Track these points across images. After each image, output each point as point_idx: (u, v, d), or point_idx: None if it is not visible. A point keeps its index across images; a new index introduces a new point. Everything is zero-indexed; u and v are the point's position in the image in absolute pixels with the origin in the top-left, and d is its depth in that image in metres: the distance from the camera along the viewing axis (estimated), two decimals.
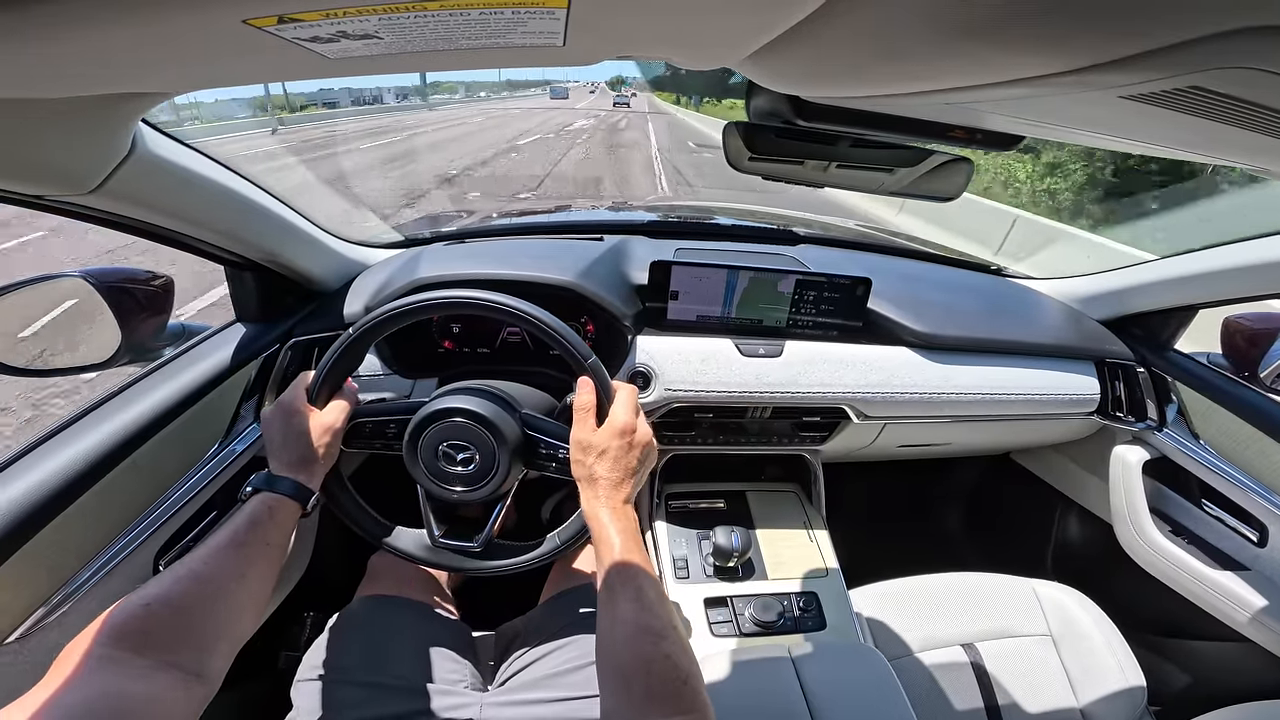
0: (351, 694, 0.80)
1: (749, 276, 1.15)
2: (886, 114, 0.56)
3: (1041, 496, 1.65)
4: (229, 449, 0.92)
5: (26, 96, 0.46)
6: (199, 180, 0.78)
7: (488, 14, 0.34)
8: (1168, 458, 1.27)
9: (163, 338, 0.94)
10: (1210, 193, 7.34)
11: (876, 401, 1.20)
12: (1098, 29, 0.25)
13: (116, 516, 0.76)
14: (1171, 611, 1.25)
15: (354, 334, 0.78)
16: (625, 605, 0.64)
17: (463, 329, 1.21)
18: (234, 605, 0.61)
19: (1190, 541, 1.23)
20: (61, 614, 0.68)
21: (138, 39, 0.34)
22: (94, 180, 0.62)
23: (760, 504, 1.41)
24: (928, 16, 0.29)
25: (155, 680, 0.51)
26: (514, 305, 0.76)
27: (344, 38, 0.36)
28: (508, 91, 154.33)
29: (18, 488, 0.64)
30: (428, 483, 0.81)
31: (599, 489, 0.73)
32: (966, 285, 1.47)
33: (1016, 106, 0.42)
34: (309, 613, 1.30)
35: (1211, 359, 1.27)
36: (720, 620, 1.15)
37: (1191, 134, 0.38)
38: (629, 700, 0.57)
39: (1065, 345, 1.29)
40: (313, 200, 8.57)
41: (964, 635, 1.15)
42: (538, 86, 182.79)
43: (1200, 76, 0.25)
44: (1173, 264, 1.24)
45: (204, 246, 0.89)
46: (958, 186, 0.73)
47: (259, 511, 0.69)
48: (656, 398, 1.14)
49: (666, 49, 0.43)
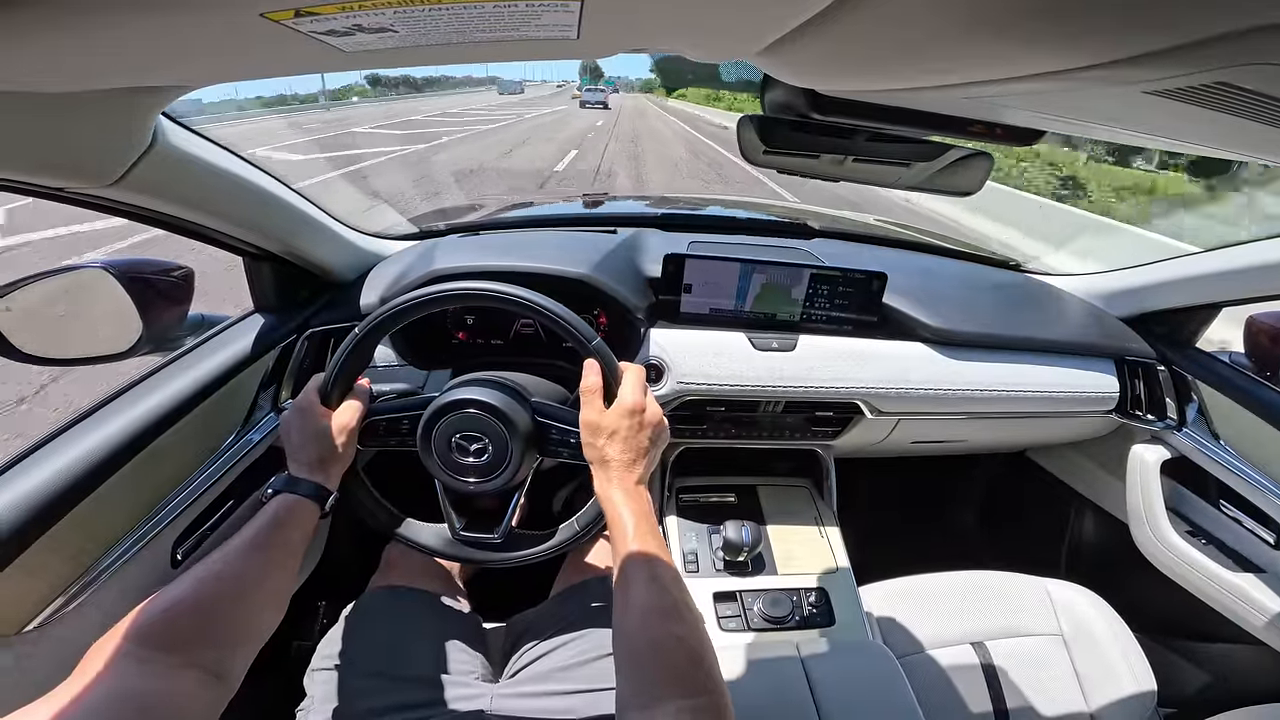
0: (365, 684, 0.81)
1: (764, 270, 1.15)
2: (904, 108, 0.55)
3: (1057, 495, 1.63)
4: (246, 438, 0.93)
5: (48, 91, 0.46)
6: (218, 173, 0.79)
7: (502, 8, 0.34)
8: (1186, 458, 1.25)
9: (183, 327, 0.95)
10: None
11: (891, 397, 1.19)
12: (1123, 23, 0.25)
13: (135, 505, 0.77)
14: (1185, 613, 1.24)
15: (359, 334, 0.79)
16: (637, 587, 0.64)
17: (476, 321, 1.22)
18: (255, 606, 0.62)
19: (1207, 543, 1.21)
20: (80, 603, 0.69)
21: (157, 33, 0.34)
22: (115, 173, 0.63)
23: (771, 499, 1.41)
24: (948, 10, 0.29)
25: (179, 680, 0.52)
26: (511, 292, 0.76)
27: (360, 31, 0.36)
28: (431, 91, 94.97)
29: (39, 476, 0.65)
30: (443, 475, 0.81)
31: (611, 470, 0.73)
32: (984, 281, 1.45)
33: (1038, 101, 0.42)
34: (322, 603, 1.31)
35: (1234, 358, 1.25)
36: (729, 615, 1.16)
37: (1216, 130, 0.37)
38: (642, 684, 0.58)
39: (1084, 342, 1.28)
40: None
41: (974, 634, 1.15)
42: (484, 85, 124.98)
43: (1227, 72, 0.25)
44: (1195, 261, 1.21)
45: (222, 237, 0.90)
46: (977, 181, 0.72)
47: (280, 513, 0.69)
48: (669, 390, 1.14)
49: (681, 41, 0.43)
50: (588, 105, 39.58)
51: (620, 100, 60.34)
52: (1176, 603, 1.23)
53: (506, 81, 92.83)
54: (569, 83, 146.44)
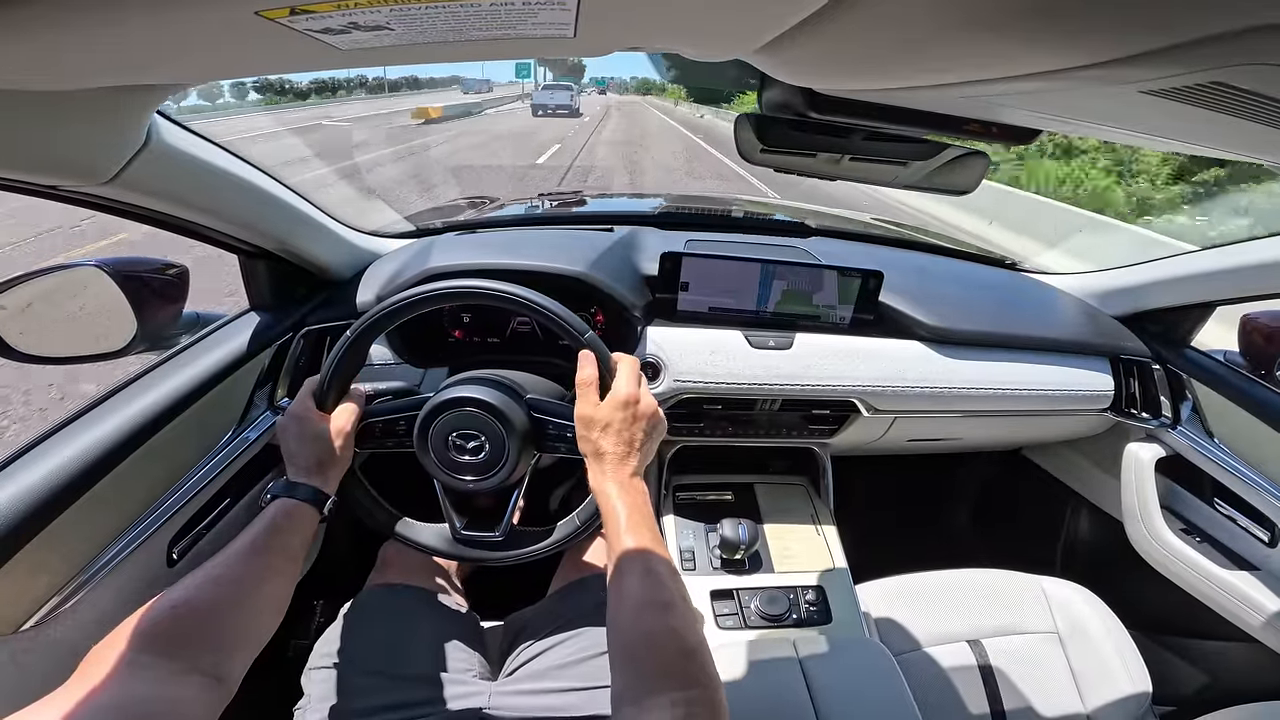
0: (362, 682, 0.81)
1: (784, 274, 1.15)
2: (901, 107, 0.55)
3: (1052, 493, 1.64)
4: (242, 437, 0.93)
5: (42, 88, 0.46)
6: (212, 170, 0.78)
7: (498, 5, 0.34)
8: (1181, 456, 1.26)
9: (178, 325, 0.95)
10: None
11: (887, 395, 1.19)
12: (1120, 22, 0.25)
13: (131, 504, 0.77)
14: (1179, 610, 1.24)
15: (351, 335, 0.78)
16: (631, 580, 0.64)
17: (473, 319, 1.22)
18: (254, 610, 0.63)
19: (1201, 540, 1.22)
20: (76, 601, 0.69)
21: (152, 31, 0.34)
22: (109, 171, 0.63)
23: (768, 497, 1.41)
24: (946, 8, 0.29)
25: (180, 684, 0.52)
26: (502, 288, 0.77)
27: (355, 29, 0.36)
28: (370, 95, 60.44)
29: (35, 474, 0.65)
30: (441, 474, 0.81)
31: (605, 464, 0.73)
32: (980, 279, 1.46)
33: (1034, 100, 0.42)
34: (319, 601, 1.31)
35: (1228, 356, 1.25)
36: (726, 613, 1.16)
37: (1211, 129, 0.37)
38: (636, 677, 0.57)
39: (1080, 341, 1.28)
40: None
41: (970, 631, 1.15)
42: (445, 86, 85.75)
43: (1223, 72, 0.25)
44: (1189, 260, 1.22)
45: (217, 235, 0.89)
46: (973, 180, 0.72)
47: (278, 518, 0.69)
48: (665, 389, 1.14)
49: (677, 40, 0.43)
50: (545, 113, 25.25)
51: (606, 104, 44.92)
52: (1171, 600, 1.24)
53: (471, 80, 74.18)
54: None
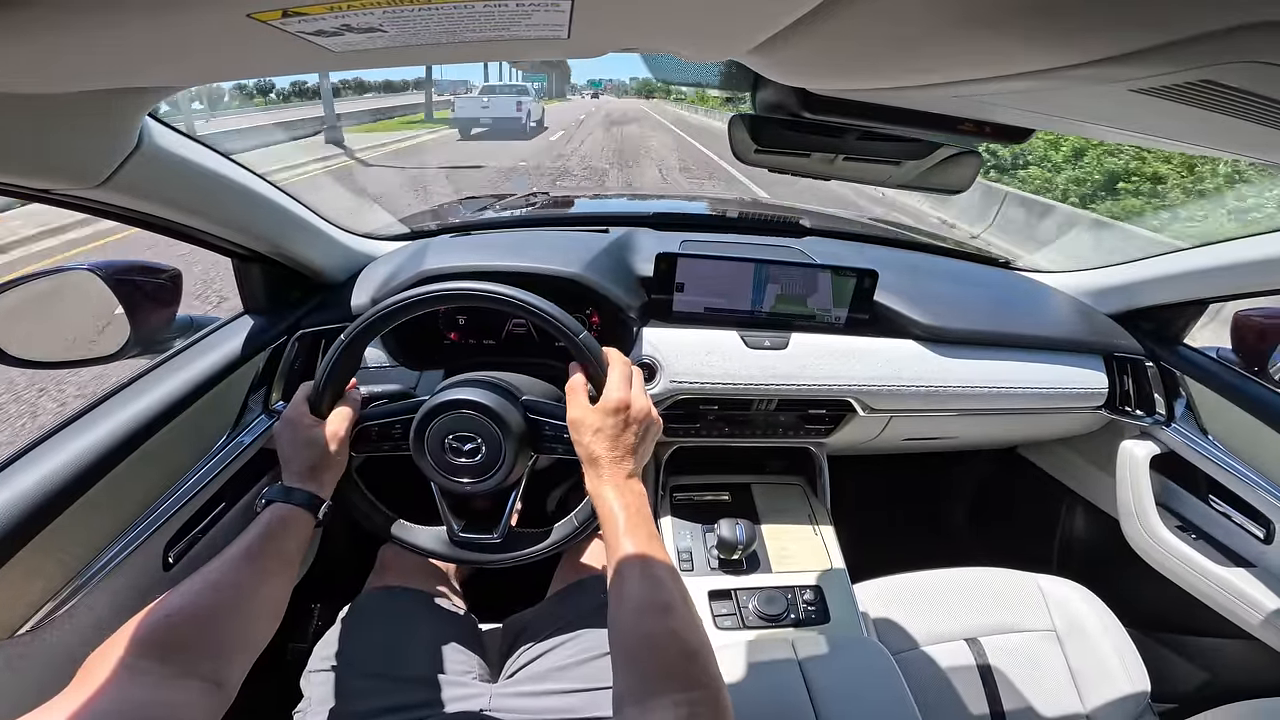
0: (362, 685, 0.81)
1: (778, 273, 1.16)
2: (894, 106, 0.55)
3: (1048, 491, 1.64)
4: (237, 440, 0.93)
5: (34, 91, 0.46)
6: (205, 174, 0.78)
7: (492, 7, 0.34)
8: (1175, 453, 1.26)
9: (171, 329, 0.95)
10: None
11: (882, 394, 1.19)
12: (1111, 21, 0.25)
13: (126, 508, 0.76)
14: (1176, 607, 1.25)
15: (345, 339, 0.78)
16: (630, 583, 0.64)
17: (468, 321, 1.22)
18: (251, 615, 0.62)
19: (1197, 537, 1.23)
20: (72, 606, 0.68)
21: (144, 34, 0.34)
22: (101, 174, 0.62)
23: (765, 497, 1.41)
24: (940, 7, 0.29)
25: (178, 690, 0.52)
26: (494, 289, 0.76)
27: (348, 31, 0.35)
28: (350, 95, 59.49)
29: (29, 479, 0.65)
30: (437, 477, 0.81)
31: (601, 467, 0.73)
32: (974, 278, 1.46)
33: (1026, 99, 0.42)
34: (317, 605, 1.31)
35: (1221, 354, 1.26)
36: (724, 613, 1.16)
37: (1201, 128, 0.38)
38: (638, 679, 0.57)
39: (1073, 339, 1.29)
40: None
41: (968, 630, 1.15)
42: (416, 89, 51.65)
43: (1212, 70, 0.25)
44: (1183, 258, 1.22)
45: (210, 239, 0.89)
46: (966, 179, 0.72)
47: (273, 523, 0.69)
48: (662, 390, 1.14)
49: (671, 40, 0.43)
50: (481, 129, 17.49)
51: (588, 110, 37.66)
52: (1167, 597, 1.25)
53: (447, 84, 59.53)
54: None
